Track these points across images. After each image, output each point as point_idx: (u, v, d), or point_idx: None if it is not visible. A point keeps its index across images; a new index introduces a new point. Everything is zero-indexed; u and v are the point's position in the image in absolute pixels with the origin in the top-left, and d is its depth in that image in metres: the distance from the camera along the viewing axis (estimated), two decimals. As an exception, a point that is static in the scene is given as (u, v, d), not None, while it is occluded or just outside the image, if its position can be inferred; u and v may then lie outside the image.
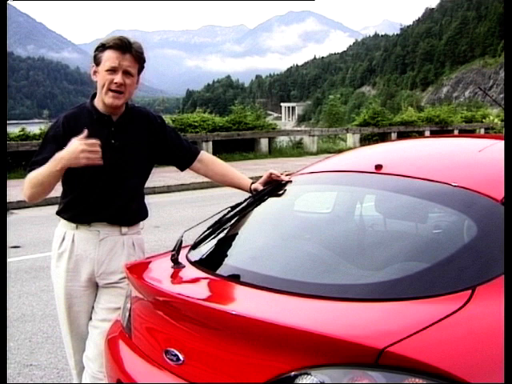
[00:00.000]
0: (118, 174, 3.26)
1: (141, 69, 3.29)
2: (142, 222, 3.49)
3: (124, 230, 3.35)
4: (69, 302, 3.32)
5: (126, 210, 3.35)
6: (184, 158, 3.55)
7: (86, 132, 2.98)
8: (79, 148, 2.93)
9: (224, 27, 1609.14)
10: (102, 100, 3.22)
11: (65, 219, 3.32)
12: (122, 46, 3.14)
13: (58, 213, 3.35)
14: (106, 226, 3.30)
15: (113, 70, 3.15)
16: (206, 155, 3.64)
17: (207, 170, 3.59)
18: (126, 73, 3.17)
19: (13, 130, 19.82)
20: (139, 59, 3.23)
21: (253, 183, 3.45)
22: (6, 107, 3.36)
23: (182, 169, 3.60)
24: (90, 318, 3.38)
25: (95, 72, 3.23)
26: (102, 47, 3.18)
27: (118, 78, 3.15)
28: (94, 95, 3.31)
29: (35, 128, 20.61)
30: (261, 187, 3.37)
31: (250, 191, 3.42)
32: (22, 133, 18.89)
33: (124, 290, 3.17)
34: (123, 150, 3.29)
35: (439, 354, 1.85)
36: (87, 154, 2.93)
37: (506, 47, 2.97)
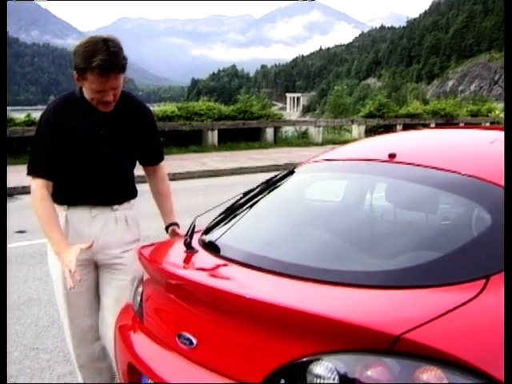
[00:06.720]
0: (106, 163, 3.27)
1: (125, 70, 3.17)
2: (133, 200, 3.52)
3: (115, 206, 3.37)
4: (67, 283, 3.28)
5: (114, 194, 3.36)
6: (150, 156, 3.59)
7: (92, 243, 3.06)
8: (64, 265, 2.94)
9: (230, 17, 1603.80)
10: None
11: (56, 202, 3.29)
12: (106, 67, 2.96)
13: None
14: (96, 205, 3.31)
15: (100, 91, 3.06)
16: (163, 169, 3.69)
17: (152, 181, 3.68)
18: (114, 88, 3.09)
19: (18, 115, 19.75)
20: (123, 68, 3.08)
21: (172, 225, 3.56)
22: (6, 106, 3.34)
23: (141, 163, 3.61)
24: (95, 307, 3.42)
25: (79, 81, 3.10)
26: (86, 67, 2.98)
27: (107, 97, 3.08)
28: None
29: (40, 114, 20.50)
30: (174, 235, 3.50)
31: (166, 229, 3.57)
32: (27, 118, 18.82)
33: (127, 266, 3.21)
34: (112, 140, 3.27)
35: (455, 341, 1.85)
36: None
37: (506, 47, 2.93)
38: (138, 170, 3.52)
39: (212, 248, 2.75)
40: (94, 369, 3.46)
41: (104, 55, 2.93)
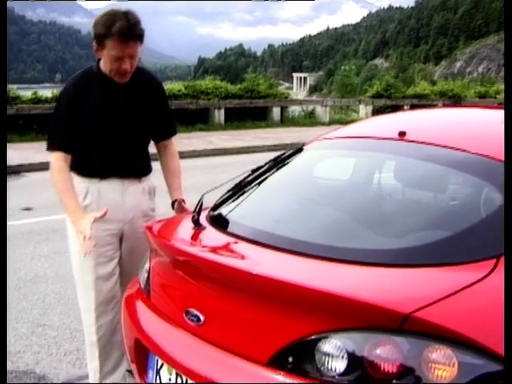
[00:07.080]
0: (127, 135, 3.36)
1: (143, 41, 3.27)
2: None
3: (142, 178, 3.48)
4: (96, 253, 3.25)
5: (140, 166, 3.49)
6: (163, 129, 3.63)
7: (105, 211, 3.06)
8: (79, 232, 2.99)
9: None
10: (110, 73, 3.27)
11: (86, 176, 3.35)
12: (126, 34, 3.09)
13: (73, 169, 3.34)
14: (125, 177, 3.40)
15: (119, 57, 3.15)
16: (174, 145, 3.72)
17: (163, 157, 3.69)
18: (132, 56, 3.18)
19: (24, 93, 19.71)
20: (141, 38, 3.20)
21: (176, 202, 3.53)
22: (6, 92, 3.35)
23: (154, 139, 3.64)
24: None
25: (98, 51, 3.21)
26: (106, 33, 3.12)
27: (125, 65, 3.18)
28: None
29: (47, 92, 20.47)
30: (180, 210, 3.47)
31: (172, 205, 3.55)
32: (33, 96, 18.78)
33: None
34: (130, 111, 3.36)
35: (464, 320, 1.85)
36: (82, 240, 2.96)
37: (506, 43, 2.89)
38: (150, 148, 3.57)
39: (220, 225, 2.74)
40: (109, 342, 3.47)
41: (124, 23, 3.08)
